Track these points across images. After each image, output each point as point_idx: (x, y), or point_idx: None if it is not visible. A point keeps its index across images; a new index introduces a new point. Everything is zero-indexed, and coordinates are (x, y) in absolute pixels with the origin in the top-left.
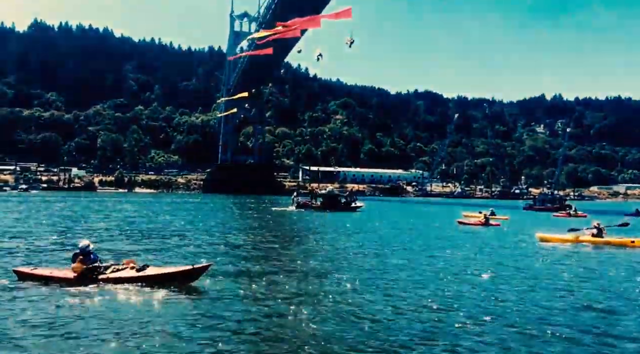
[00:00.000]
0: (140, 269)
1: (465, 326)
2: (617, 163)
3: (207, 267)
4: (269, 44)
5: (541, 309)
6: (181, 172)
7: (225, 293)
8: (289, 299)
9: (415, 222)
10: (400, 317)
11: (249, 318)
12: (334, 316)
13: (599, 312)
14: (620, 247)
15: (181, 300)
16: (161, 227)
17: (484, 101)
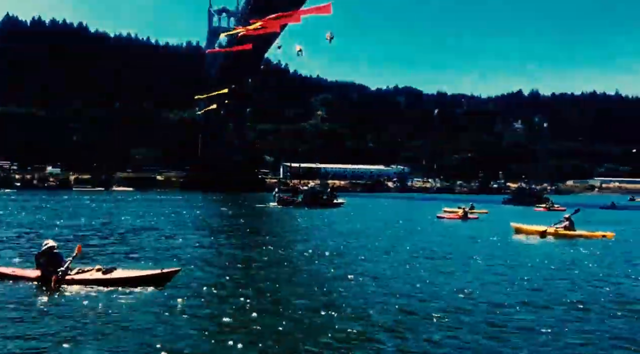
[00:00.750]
0: (106, 271)
1: (434, 315)
2: (593, 157)
3: (176, 271)
4: (248, 39)
5: (502, 295)
6: (160, 170)
7: (196, 296)
8: (261, 299)
9: (396, 218)
10: (371, 311)
11: (219, 321)
12: (306, 315)
13: (567, 304)
14: (591, 239)
15: (147, 304)
16: (136, 226)
17: (463, 97)
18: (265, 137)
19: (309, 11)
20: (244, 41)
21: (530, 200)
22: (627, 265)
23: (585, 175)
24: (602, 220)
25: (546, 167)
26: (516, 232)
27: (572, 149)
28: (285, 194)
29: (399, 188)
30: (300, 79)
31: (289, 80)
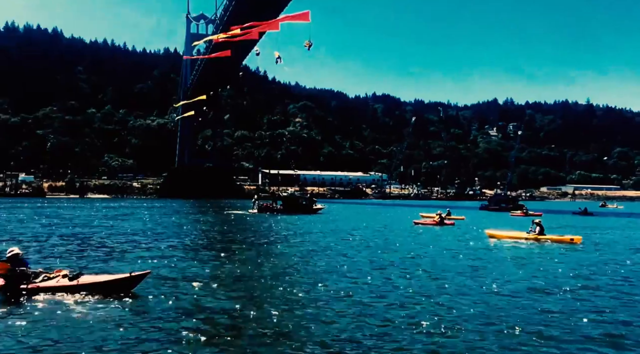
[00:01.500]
0: (73, 277)
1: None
2: (566, 165)
3: (145, 275)
4: (226, 46)
5: (479, 294)
6: (136, 177)
7: (164, 301)
8: (232, 304)
9: (374, 223)
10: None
11: (188, 325)
12: (273, 322)
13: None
14: (560, 243)
15: (116, 309)
16: (108, 233)
17: (440, 105)
18: (243, 144)
19: (287, 19)
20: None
21: (506, 206)
22: (591, 267)
23: (557, 182)
24: (574, 225)
25: (520, 174)
26: (490, 237)
27: (544, 156)
28: (264, 201)
29: (377, 195)
30: (279, 86)
31: (268, 87)
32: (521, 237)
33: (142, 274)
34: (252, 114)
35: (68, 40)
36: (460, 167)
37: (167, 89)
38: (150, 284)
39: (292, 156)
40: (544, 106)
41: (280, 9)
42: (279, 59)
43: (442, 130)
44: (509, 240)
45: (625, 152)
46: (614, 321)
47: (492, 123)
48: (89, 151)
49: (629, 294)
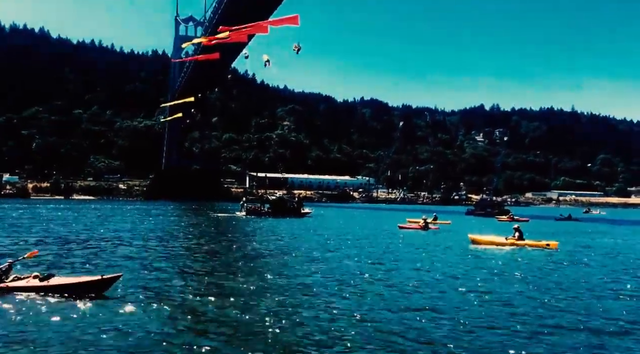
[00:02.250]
0: (44, 278)
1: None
2: (550, 171)
3: (116, 277)
4: (215, 48)
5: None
6: (123, 178)
7: (136, 303)
8: (206, 309)
9: (360, 227)
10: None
11: (157, 329)
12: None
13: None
14: (537, 248)
15: (86, 311)
16: (90, 234)
17: (427, 110)
18: (231, 147)
19: (276, 22)
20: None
21: (492, 211)
22: (561, 270)
23: (542, 187)
24: (557, 230)
25: (505, 179)
26: (472, 242)
27: (529, 162)
28: (253, 204)
29: (365, 199)
30: (267, 89)
31: (256, 90)
32: (501, 243)
33: (114, 277)
34: (240, 117)
35: (55, 41)
36: (446, 172)
37: (155, 91)
38: (124, 287)
39: (279, 159)
40: (529, 112)
41: (270, 12)
42: (267, 62)
43: (430, 135)
44: (489, 245)
45: (608, 159)
46: (573, 323)
47: (478, 129)
48: (75, 151)
49: (588, 297)
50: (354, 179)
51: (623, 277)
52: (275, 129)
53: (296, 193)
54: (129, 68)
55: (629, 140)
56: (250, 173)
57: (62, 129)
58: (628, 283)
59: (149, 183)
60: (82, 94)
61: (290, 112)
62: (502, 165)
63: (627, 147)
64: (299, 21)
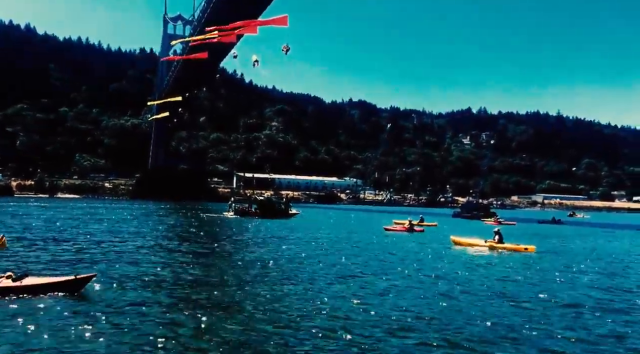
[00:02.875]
0: (17, 278)
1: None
2: (536, 174)
3: (90, 277)
4: (203, 48)
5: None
6: (109, 177)
7: (110, 303)
8: (180, 310)
9: (346, 229)
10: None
11: (131, 330)
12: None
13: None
14: (515, 252)
15: (58, 311)
16: (69, 234)
17: (415, 112)
18: (218, 147)
19: (265, 22)
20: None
21: (478, 214)
22: (536, 273)
23: (527, 191)
24: (539, 233)
25: (492, 182)
26: (454, 244)
27: (515, 165)
28: (241, 204)
29: (352, 200)
30: (256, 89)
31: (244, 90)
32: (482, 245)
33: (87, 277)
34: (228, 117)
35: (41, 37)
36: (433, 174)
37: (142, 90)
38: (98, 287)
39: (267, 160)
40: (516, 116)
41: (259, 13)
42: (256, 62)
43: (417, 137)
44: (470, 247)
45: (593, 163)
46: (540, 325)
47: (465, 132)
48: (60, 150)
49: (558, 300)
50: (342, 181)
51: (594, 283)
52: (263, 130)
53: (283, 194)
54: (116, 66)
55: (614, 145)
56: (237, 173)
57: (48, 127)
58: (597, 289)
59: (135, 182)
60: (68, 91)
61: (278, 113)
62: (489, 168)
63: (612, 151)
64: (287, 22)
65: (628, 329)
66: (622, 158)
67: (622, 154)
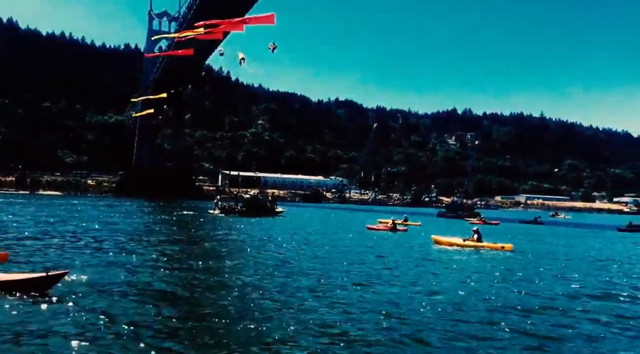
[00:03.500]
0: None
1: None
2: (519, 175)
3: (62, 275)
4: (189, 45)
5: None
6: (92, 174)
7: (82, 301)
8: (154, 309)
9: (330, 227)
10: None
11: (101, 329)
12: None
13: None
14: (493, 250)
15: (27, 309)
16: (46, 231)
17: (401, 112)
18: (204, 145)
19: (252, 20)
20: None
21: (463, 214)
22: (511, 271)
23: (510, 191)
24: (518, 233)
25: (475, 182)
26: (434, 243)
27: (499, 166)
28: (227, 203)
29: (337, 199)
30: (242, 87)
31: (231, 88)
32: (460, 244)
33: (59, 274)
34: (214, 115)
35: (24, 32)
36: (418, 174)
37: (127, 86)
38: (70, 285)
39: (253, 158)
40: (500, 117)
41: (246, 10)
42: (242, 60)
43: (403, 137)
44: (450, 246)
45: (575, 164)
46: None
47: (450, 132)
48: (42, 146)
49: (527, 298)
50: (327, 180)
51: (564, 280)
52: (250, 128)
53: (269, 192)
54: (100, 62)
55: (595, 146)
56: (223, 171)
57: (30, 123)
58: (566, 285)
59: (119, 180)
60: (50, 87)
61: (264, 111)
62: (473, 168)
63: (593, 153)
64: (275, 20)
65: (576, 326)
66: (603, 160)
67: (603, 156)
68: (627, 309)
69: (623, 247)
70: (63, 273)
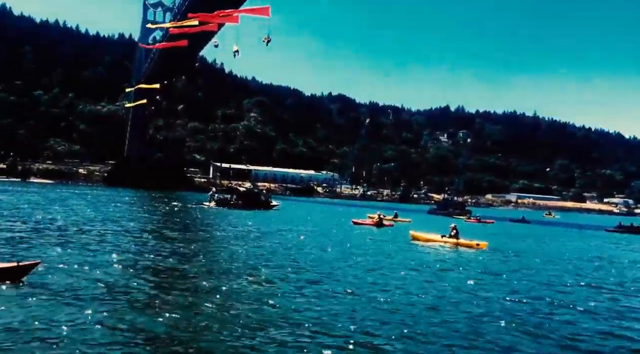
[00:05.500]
0: None
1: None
2: (510, 173)
3: (34, 265)
4: (183, 36)
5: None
6: (83, 163)
7: (53, 292)
8: (124, 300)
9: (317, 221)
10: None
11: (71, 320)
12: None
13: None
14: (468, 247)
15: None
16: (30, 220)
17: (394, 108)
18: (196, 136)
19: (247, 12)
20: (179, 37)
21: (453, 211)
22: (481, 267)
23: (501, 190)
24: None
25: (467, 180)
26: (413, 239)
27: (491, 164)
28: (223, 195)
29: (328, 194)
30: (235, 79)
31: (224, 80)
32: (438, 240)
33: (31, 264)
34: (207, 107)
35: (17, 18)
36: (410, 171)
37: (119, 76)
38: (42, 275)
39: (244, 151)
40: (492, 115)
41: (242, 1)
42: (236, 52)
43: (395, 134)
44: (427, 242)
45: (566, 164)
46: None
47: (443, 129)
48: (33, 134)
49: (485, 294)
50: (319, 174)
51: (525, 279)
52: (242, 121)
53: (260, 185)
54: (93, 51)
55: (586, 147)
56: (214, 163)
57: (20, 110)
58: (532, 285)
59: (111, 169)
60: (42, 75)
61: (257, 104)
62: (465, 166)
63: (584, 153)
64: (270, 12)
65: (544, 322)
66: (594, 160)
67: (594, 156)
68: (564, 303)
69: (602, 248)
70: (35, 263)
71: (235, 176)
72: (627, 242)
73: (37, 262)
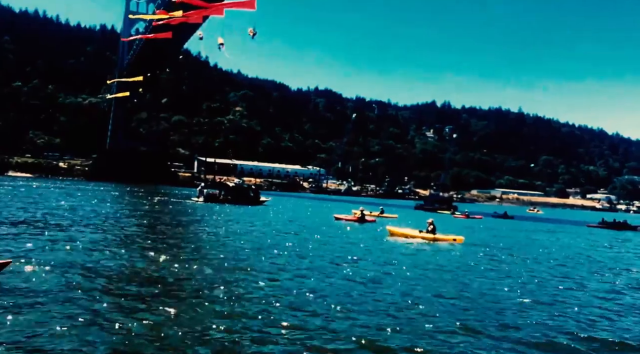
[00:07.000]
0: None
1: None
2: (495, 169)
3: (6, 264)
4: (167, 28)
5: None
6: (64, 157)
7: (22, 293)
8: (104, 300)
9: (301, 216)
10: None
11: (42, 321)
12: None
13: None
14: (445, 242)
15: None
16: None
17: (380, 103)
18: (180, 130)
19: (232, 5)
20: (162, 29)
21: (439, 206)
22: (456, 261)
23: (487, 185)
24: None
25: (452, 176)
26: (390, 234)
27: (476, 160)
28: (212, 190)
29: (314, 189)
30: (220, 72)
31: (209, 73)
32: (414, 235)
33: (3, 263)
34: (191, 100)
35: None
36: (396, 166)
37: (101, 68)
38: (12, 276)
39: (230, 145)
40: (478, 111)
41: None
42: (221, 45)
43: (381, 129)
44: (403, 237)
45: (550, 160)
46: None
47: (429, 125)
48: (12, 126)
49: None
50: (305, 169)
51: (504, 273)
52: (227, 114)
53: (246, 180)
54: (74, 42)
55: (570, 143)
56: (199, 158)
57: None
58: (502, 278)
59: (92, 163)
60: (22, 66)
61: (242, 98)
62: (450, 162)
63: (568, 150)
64: (255, 5)
65: (514, 319)
66: (577, 157)
67: (578, 152)
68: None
69: (577, 242)
70: (6, 262)
71: (221, 171)
72: (609, 238)
73: (7, 262)
